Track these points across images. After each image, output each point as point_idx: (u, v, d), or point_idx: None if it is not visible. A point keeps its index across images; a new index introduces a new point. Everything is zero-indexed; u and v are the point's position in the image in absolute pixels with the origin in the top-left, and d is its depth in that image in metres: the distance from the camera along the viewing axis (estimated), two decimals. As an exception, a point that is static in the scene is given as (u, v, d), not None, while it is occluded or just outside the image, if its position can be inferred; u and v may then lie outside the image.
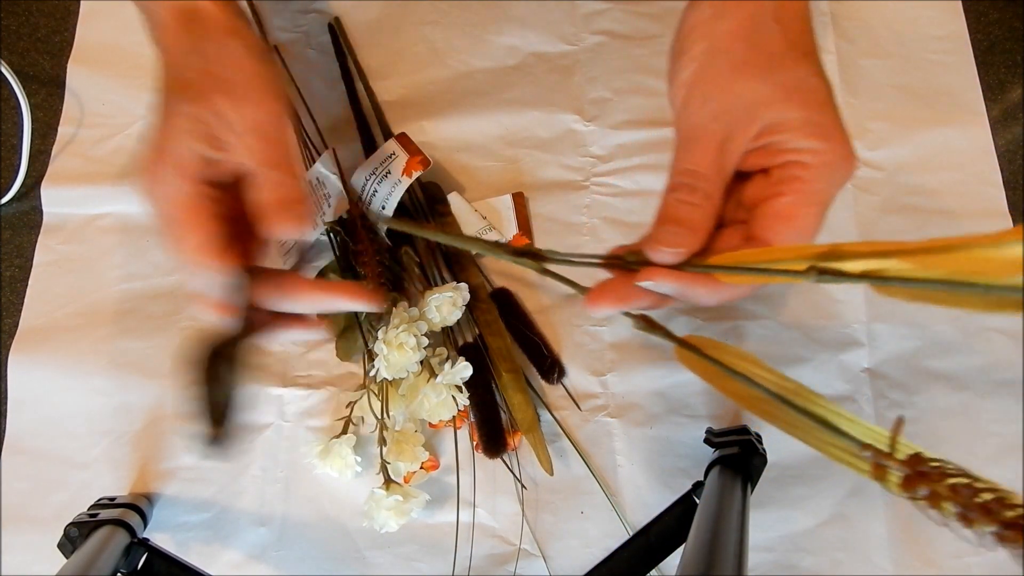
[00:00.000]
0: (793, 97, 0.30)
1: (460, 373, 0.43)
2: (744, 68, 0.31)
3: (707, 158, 0.31)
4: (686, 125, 0.32)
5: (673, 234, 0.30)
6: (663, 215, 0.31)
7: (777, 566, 0.44)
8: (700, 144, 0.31)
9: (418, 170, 0.47)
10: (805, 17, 0.33)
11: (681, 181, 0.31)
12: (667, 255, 0.30)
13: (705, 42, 0.32)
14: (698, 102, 0.32)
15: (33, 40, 0.56)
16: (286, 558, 0.45)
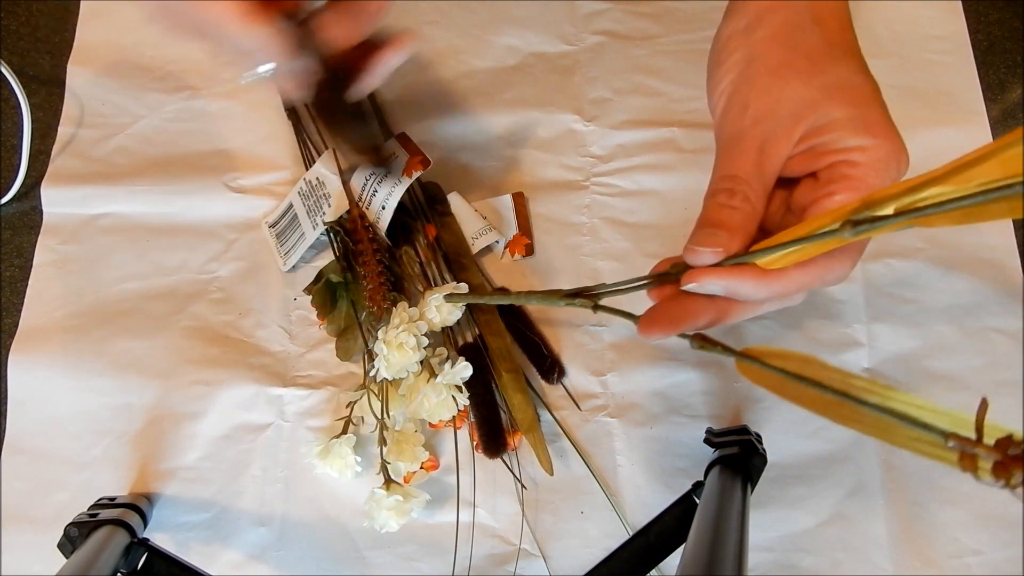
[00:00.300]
0: (836, 96, 0.30)
1: (460, 373, 0.43)
2: (783, 71, 0.31)
3: (747, 163, 0.30)
4: (726, 132, 0.32)
5: (710, 235, 0.30)
6: (701, 220, 0.30)
7: (777, 566, 0.44)
8: (739, 149, 0.31)
9: (418, 170, 0.47)
10: (843, 15, 0.32)
11: (720, 187, 0.31)
12: (705, 255, 0.29)
13: (742, 50, 0.32)
14: (737, 108, 0.31)
15: (33, 40, 0.56)
16: (286, 558, 0.45)
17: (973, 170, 0.21)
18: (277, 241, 0.50)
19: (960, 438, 0.23)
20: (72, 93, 0.55)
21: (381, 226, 0.47)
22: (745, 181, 0.30)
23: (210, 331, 0.49)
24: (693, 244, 0.30)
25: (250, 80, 0.32)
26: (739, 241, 0.30)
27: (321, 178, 0.49)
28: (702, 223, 0.30)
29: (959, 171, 0.21)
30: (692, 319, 0.30)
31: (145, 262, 0.51)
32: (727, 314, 0.30)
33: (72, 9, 0.57)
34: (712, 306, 0.30)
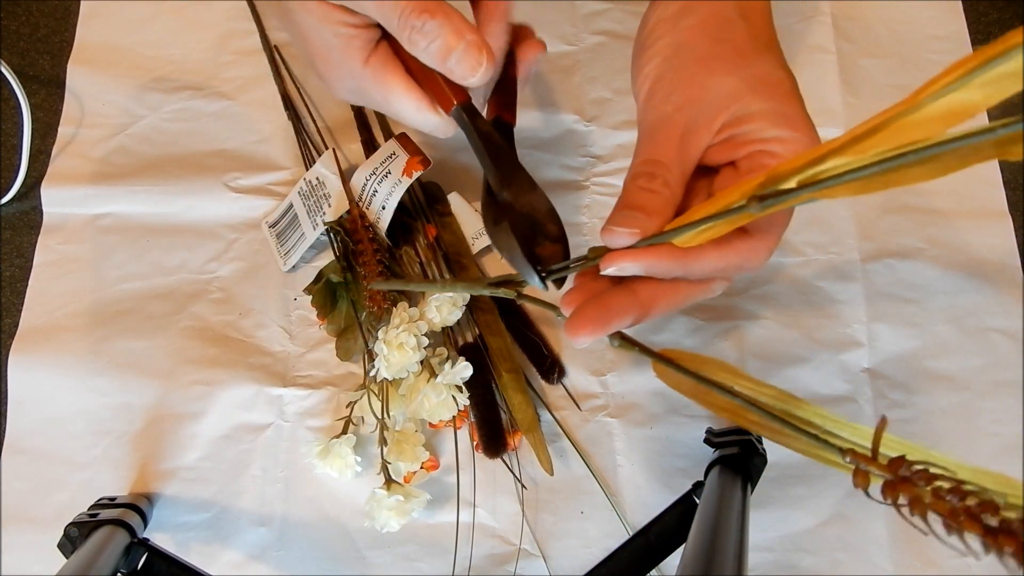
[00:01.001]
0: (759, 89, 0.31)
1: (460, 373, 0.43)
2: (709, 62, 0.32)
3: (669, 149, 0.31)
4: (649, 117, 0.32)
5: (629, 217, 0.30)
6: (621, 202, 0.31)
7: (777, 566, 0.44)
8: (662, 135, 0.32)
9: (418, 170, 0.47)
10: (767, 13, 0.33)
11: (641, 170, 0.31)
12: (622, 236, 0.29)
13: (669, 37, 0.33)
14: (662, 95, 0.32)
15: (33, 40, 0.56)
16: (286, 558, 0.45)
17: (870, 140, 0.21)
18: (277, 241, 0.50)
19: (856, 454, 0.23)
20: (72, 93, 0.55)
21: (381, 226, 0.47)
22: (666, 166, 0.31)
23: (210, 331, 0.49)
24: (611, 225, 0.30)
25: None
26: (656, 224, 0.30)
27: (321, 178, 0.49)
28: (621, 205, 0.31)
29: (857, 141, 0.21)
30: (617, 317, 0.30)
31: (145, 262, 0.51)
32: (650, 308, 0.31)
33: (72, 9, 0.57)
34: (634, 301, 0.30)
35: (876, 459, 0.23)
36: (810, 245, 0.50)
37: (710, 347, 0.47)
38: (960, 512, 0.20)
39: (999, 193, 0.50)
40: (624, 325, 0.30)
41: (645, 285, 0.31)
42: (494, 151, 0.33)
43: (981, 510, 0.20)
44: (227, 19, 0.56)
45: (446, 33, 0.30)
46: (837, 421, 0.26)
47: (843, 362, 0.47)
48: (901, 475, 0.21)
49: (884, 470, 0.22)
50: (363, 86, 0.34)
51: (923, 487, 0.21)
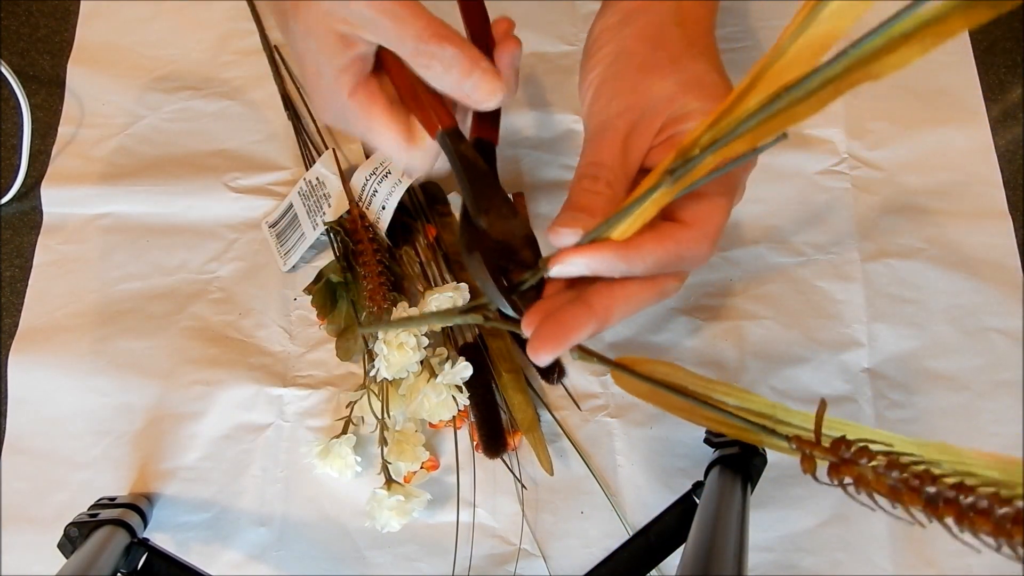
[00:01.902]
0: (693, 90, 0.32)
1: (460, 373, 0.43)
2: (648, 68, 0.33)
3: (612, 151, 0.32)
4: (594, 121, 0.34)
5: (573, 218, 0.31)
6: (567, 204, 0.32)
7: (777, 566, 0.44)
8: (606, 138, 0.33)
9: (418, 170, 0.47)
10: (704, 19, 0.35)
11: (586, 172, 0.32)
12: (566, 235, 0.30)
13: (612, 45, 0.34)
14: (605, 99, 0.33)
15: (33, 40, 0.56)
16: (286, 558, 0.45)
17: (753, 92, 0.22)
18: (277, 241, 0.50)
19: (800, 440, 0.24)
20: (72, 93, 0.55)
21: (381, 226, 0.47)
22: (609, 168, 0.32)
23: (210, 331, 0.49)
24: (556, 225, 0.31)
25: None
26: (598, 223, 0.30)
27: (321, 178, 0.49)
28: (566, 207, 0.32)
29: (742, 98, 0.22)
30: (574, 331, 0.30)
31: (145, 262, 0.51)
32: (605, 316, 0.31)
33: (72, 9, 0.57)
34: (588, 312, 0.30)
35: (819, 443, 0.24)
36: (810, 245, 0.50)
37: (710, 347, 0.47)
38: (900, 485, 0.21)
39: (999, 193, 0.50)
40: (583, 337, 0.30)
41: (598, 294, 0.31)
42: (474, 177, 0.34)
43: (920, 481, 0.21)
44: (227, 19, 0.56)
45: (463, 60, 0.31)
46: (787, 410, 0.27)
47: (843, 362, 0.47)
48: (843, 456, 0.23)
49: (827, 453, 0.23)
50: (347, 115, 0.35)
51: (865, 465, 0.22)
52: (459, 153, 0.34)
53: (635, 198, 0.28)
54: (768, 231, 0.50)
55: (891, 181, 0.51)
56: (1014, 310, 0.48)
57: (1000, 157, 0.51)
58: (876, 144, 0.51)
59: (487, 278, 0.32)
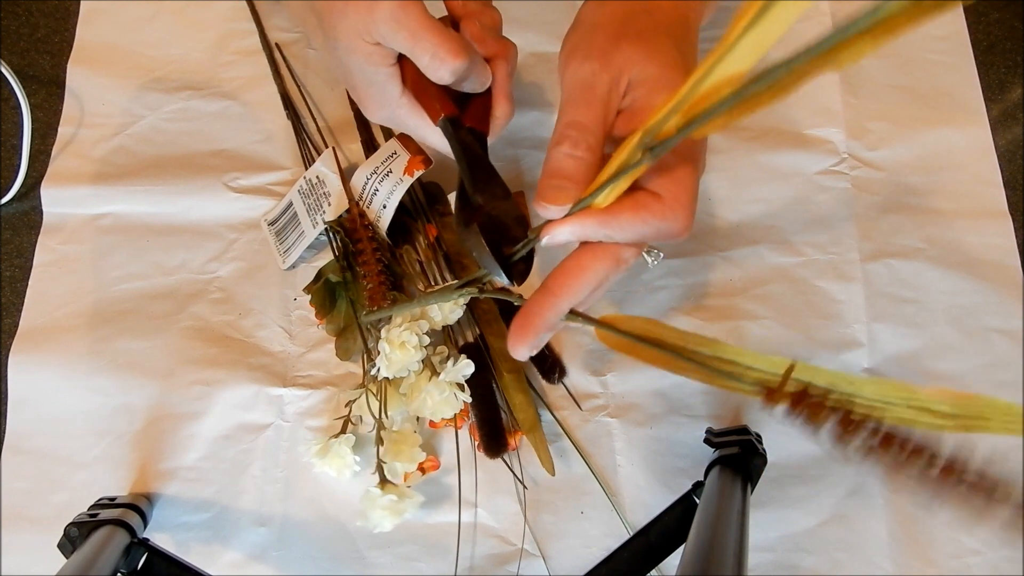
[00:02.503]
0: (653, 57, 0.34)
1: (462, 371, 0.43)
2: (617, 37, 0.35)
3: (592, 110, 0.33)
4: (569, 83, 0.35)
5: (558, 189, 0.32)
6: (548, 169, 0.33)
7: (777, 566, 0.44)
8: (583, 98, 0.34)
9: (420, 169, 0.47)
10: (677, 12, 0.37)
11: (565, 134, 0.33)
12: (553, 212, 0.32)
13: (586, 18, 0.38)
14: (578, 62, 0.35)
15: (33, 40, 0.56)
16: (286, 558, 0.45)
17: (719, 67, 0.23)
18: (276, 239, 0.50)
19: (767, 388, 0.28)
20: (72, 93, 0.55)
21: (382, 225, 0.47)
22: (588, 130, 0.33)
23: (210, 331, 0.49)
24: (542, 200, 0.32)
25: None
26: (581, 190, 0.32)
27: (321, 177, 0.49)
28: (549, 173, 0.33)
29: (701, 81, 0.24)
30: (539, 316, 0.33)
31: (145, 262, 0.51)
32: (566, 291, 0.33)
33: (72, 9, 0.57)
34: (546, 294, 0.33)
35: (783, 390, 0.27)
36: (810, 245, 0.50)
37: (710, 347, 0.47)
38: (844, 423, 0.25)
39: (999, 193, 0.50)
40: (551, 319, 0.33)
41: (552, 275, 0.33)
42: (472, 159, 0.37)
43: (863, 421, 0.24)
44: (227, 19, 0.56)
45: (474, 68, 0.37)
46: (755, 356, 0.29)
47: (843, 362, 0.47)
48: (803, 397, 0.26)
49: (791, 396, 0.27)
50: (398, 113, 0.40)
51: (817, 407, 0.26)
52: (459, 137, 0.37)
53: (612, 173, 0.29)
54: (768, 231, 0.50)
55: (891, 181, 0.51)
56: (1014, 310, 0.48)
57: (1000, 157, 0.51)
58: (876, 144, 0.51)
59: (483, 248, 0.33)
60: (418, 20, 0.34)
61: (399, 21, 0.34)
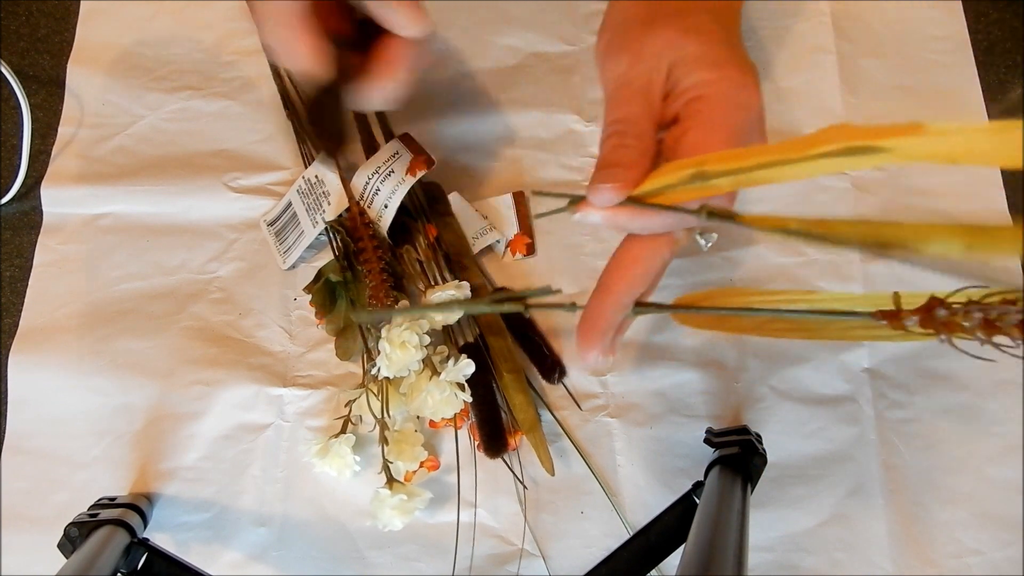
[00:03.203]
0: (689, 35, 0.33)
1: (463, 370, 0.43)
2: (651, 22, 0.34)
3: (632, 105, 0.33)
4: (609, 83, 0.35)
5: (608, 174, 0.32)
6: (599, 163, 0.32)
7: (777, 566, 0.44)
8: (623, 94, 0.34)
9: (422, 170, 0.47)
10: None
11: (611, 131, 0.33)
12: (606, 192, 0.31)
13: (616, 14, 0.36)
14: (614, 59, 0.35)
15: (33, 40, 0.56)
16: (286, 558, 0.45)
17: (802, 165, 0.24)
18: (276, 239, 0.50)
19: (884, 312, 0.27)
20: (72, 93, 0.55)
21: (383, 226, 0.47)
22: (633, 122, 0.33)
23: (210, 331, 0.49)
24: (595, 183, 0.31)
25: None
26: (635, 175, 0.31)
27: (320, 176, 0.49)
28: (600, 165, 0.32)
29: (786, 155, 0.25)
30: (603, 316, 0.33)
31: (145, 262, 0.51)
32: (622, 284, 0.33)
33: (72, 9, 0.57)
34: (605, 292, 0.33)
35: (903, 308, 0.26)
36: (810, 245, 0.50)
37: (710, 347, 0.47)
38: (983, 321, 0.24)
39: (999, 193, 0.50)
40: (615, 316, 0.33)
41: (607, 272, 0.33)
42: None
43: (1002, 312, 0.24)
44: (227, 19, 0.56)
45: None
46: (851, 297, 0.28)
47: (843, 362, 0.47)
48: (932, 306, 0.25)
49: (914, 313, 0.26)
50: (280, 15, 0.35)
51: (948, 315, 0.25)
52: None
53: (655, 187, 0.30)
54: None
55: (891, 181, 0.51)
56: (1014, 310, 0.48)
57: (1000, 157, 0.51)
58: (876, 144, 0.51)
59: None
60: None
61: None
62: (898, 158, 0.23)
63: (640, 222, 0.32)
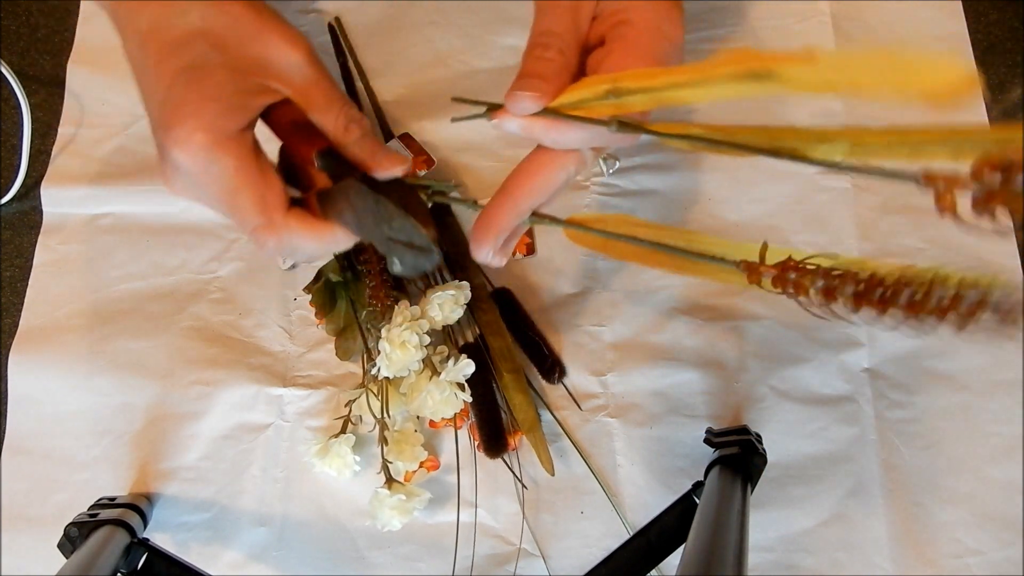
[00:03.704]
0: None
1: (463, 370, 0.43)
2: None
3: (561, 19, 0.34)
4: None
5: (527, 83, 0.32)
6: (520, 72, 0.33)
7: (777, 566, 0.44)
8: (553, 7, 0.34)
9: (423, 169, 0.47)
10: None
11: (537, 41, 0.34)
12: (523, 100, 0.32)
13: None
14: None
15: (33, 40, 0.56)
16: (286, 558, 0.45)
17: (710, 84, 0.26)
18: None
19: (747, 263, 0.29)
20: (72, 93, 0.55)
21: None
22: (559, 36, 0.34)
23: (210, 331, 0.49)
24: (513, 90, 0.32)
25: None
26: (553, 88, 0.32)
27: (321, 178, 0.49)
28: (520, 75, 0.33)
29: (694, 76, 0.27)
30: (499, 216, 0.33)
31: (145, 262, 0.51)
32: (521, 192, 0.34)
33: (72, 9, 0.57)
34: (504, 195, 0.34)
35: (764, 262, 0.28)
36: (810, 245, 0.50)
37: (710, 347, 0.47)
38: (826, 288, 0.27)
39: (999, 193, 0.50)
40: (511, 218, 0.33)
41: (510, 178, 0.34)
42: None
43: (841, 281, 0.26)
44: (227, 19, 0.56)
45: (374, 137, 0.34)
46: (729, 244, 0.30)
47: (843, 362, 0.47)
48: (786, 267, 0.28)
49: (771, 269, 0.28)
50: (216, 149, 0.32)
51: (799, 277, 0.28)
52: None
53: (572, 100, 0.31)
54: (768, 231, 0.50)
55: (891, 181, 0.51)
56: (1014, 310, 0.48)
57: (1000, 157, 0.51)
58: (876, 144, 0.51)
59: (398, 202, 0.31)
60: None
61: None
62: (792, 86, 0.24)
63: (554, 134, 0.32)
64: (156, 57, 0.32)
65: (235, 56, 0.31)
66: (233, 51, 0.31)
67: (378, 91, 0.54)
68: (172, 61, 0.31)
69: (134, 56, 0.34)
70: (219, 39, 0.31)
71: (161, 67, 0.32)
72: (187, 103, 0.31)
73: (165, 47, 0.32)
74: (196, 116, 0.30)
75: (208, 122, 0.31)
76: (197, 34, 0.31)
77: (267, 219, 0.33)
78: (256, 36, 0.32)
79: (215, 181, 0.32)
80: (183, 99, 0.31)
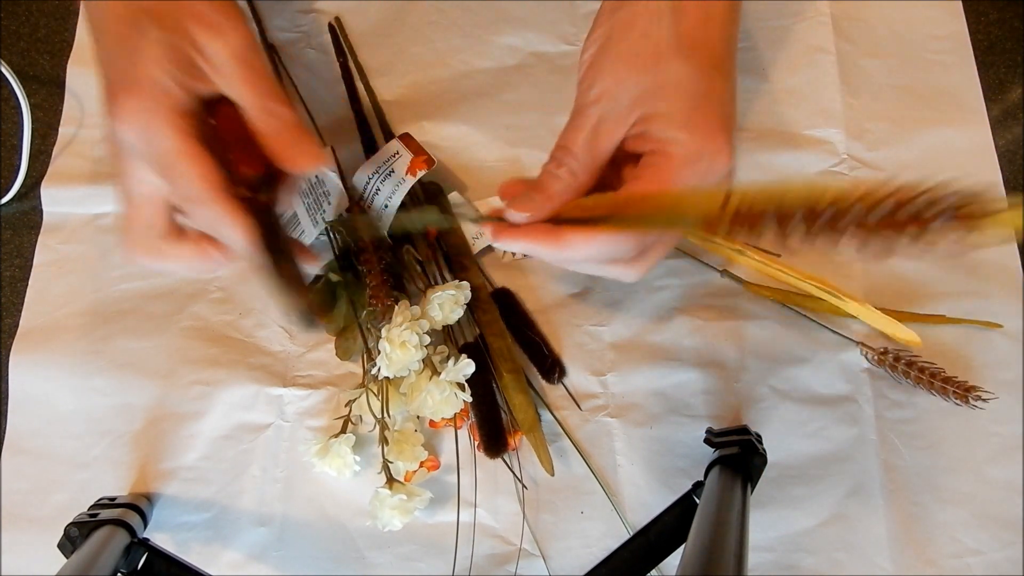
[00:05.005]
0: (667, 91, 0.33)
1: (463, 370, 0.43)
2: (631, 59, 0.34)
3: (579, 137, 0.34)
4: (576, 104, 0.35)
5: (528, 199, 0.34)
6: (534, 183, 0.34)
7: (777, 566, 0.44)
8: (576, 124, 0.35)
9: (422, 169, 0.47)
10: (707, 12, 0.34)
11: (554, 154, 0.35)
12: (517, 216, 0.34)
13: (604, 27, 0.35)
14: (587, 84, 0.35)
15: (33, 40, 0.56)
16: (286, 558, 0.45)
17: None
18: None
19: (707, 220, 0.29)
20: (72, 93, 0.55)
21: (383, 225, 0.47)
22: (573, 154, 0.34)
23: (210, 331, 0.49)
24: (511, 207, 0.34)
25: None
26: (552, 206, 0.34)
27: (320, 176, 0.49)
28: (531, 185, 0.35)
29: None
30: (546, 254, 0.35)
31: (145, 262, 0.50)
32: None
33: (72, 9, 0.57)
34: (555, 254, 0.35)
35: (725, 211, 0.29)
36: (810, 245, 0.50)
37: (710, 347, 0.47)
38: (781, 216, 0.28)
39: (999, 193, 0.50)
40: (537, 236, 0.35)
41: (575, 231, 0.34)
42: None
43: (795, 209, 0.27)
44: (227, 19, 0.56)
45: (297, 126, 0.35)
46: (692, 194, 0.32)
47: (843, 362, 0.47)
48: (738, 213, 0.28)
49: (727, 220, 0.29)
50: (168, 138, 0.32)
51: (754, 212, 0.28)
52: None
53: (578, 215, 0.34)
54: (768, 231, 0.50)
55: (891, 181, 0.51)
56: (1014, 310, 0.48)
57: (1000, 157, 0.51)
58: (876, 144, 0.51)
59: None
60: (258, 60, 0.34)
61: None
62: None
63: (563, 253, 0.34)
64: (104, 32, 0.33)
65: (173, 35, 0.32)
66: (170, 31, 0.32)
67: (378, 91, 0.54)
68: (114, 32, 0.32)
69: (92, 34, 0.35)
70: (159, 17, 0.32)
71: (105, 39, 0.33)
72: (127, 77, 0.31)
73: (112, 21, 0.33)
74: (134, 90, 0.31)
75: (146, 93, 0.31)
76: (140, 11, 0.32)
77: (204, 191, 0.32)
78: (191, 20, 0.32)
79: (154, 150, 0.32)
80: (125, 73, 0.32)
